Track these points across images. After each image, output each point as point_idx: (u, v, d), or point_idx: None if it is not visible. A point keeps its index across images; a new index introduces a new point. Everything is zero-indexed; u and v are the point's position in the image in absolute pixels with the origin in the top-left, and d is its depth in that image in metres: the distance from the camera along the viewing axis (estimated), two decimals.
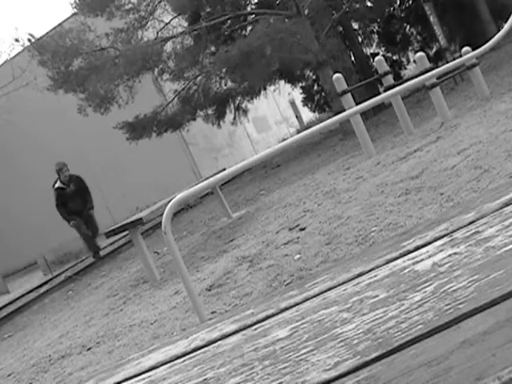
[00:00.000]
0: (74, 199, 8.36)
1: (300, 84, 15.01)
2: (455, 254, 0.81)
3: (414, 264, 0.83)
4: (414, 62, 10.97)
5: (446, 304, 0.67)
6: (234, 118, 12.55)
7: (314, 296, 0.87)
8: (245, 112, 12.76)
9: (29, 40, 10.05)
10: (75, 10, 10.13)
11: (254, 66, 9.10)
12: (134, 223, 4.74)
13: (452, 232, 0.90)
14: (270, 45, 8.92)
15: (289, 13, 9.96)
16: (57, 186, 8.37)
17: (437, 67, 4.81)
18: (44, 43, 9.68)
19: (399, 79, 9.60)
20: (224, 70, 10.07)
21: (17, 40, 12.70)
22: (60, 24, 13.66)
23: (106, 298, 5.10)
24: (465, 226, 0.90)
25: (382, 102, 8.93)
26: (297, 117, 21.38)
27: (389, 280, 0.81)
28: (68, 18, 13.15)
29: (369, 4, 12.14)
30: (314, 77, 14.31)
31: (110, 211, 15.67)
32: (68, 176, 8.36)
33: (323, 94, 14.34)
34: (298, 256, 3.40)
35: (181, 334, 0.97)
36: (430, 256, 0.84)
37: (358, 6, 11.72)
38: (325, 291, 0.88)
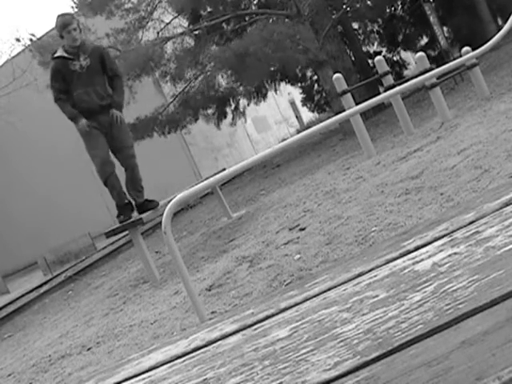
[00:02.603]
0: (88, 83, 4.65)
1: (300, 84, 15.02)
2: (455, 254, 0.81)
3: (413, 264, 0.83)
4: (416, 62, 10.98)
5: (446, 304, 0.67)
6: (233, 119, 12.56)
7: (314, 296, 0.87)
8: (242, 113, 12.76)
9: (30, 40, 10.06)
10: (76, 10, 10.13)
11: (252, 67, 9.08)
12: (134, 223, 4.73)
13: (452, 232, 0.90)
14: (267, 46, 8.91)
15: (289, 13, 9.96)
16: (57, 54, 4.70)
17: (437, 67, 4.81)
18: (45, 43, 9.68)
19: (400, 79, 9.60)
20: (222, 70, 10.06)
21: (18, 40, 12.70)
22: None
23: (106, 298, 5.10)
24: (465, 226, 0.90)
25: (382, 102, 8.94)
26: (297, 117, 21.39)
27: (389, 280, 0.81)
28: None
29: (369, 3, 12.14)
30: (314, 77, 14.32)
31: (109, 211, 15.67)
32: (80, 41, 4.67)
33: (323, 94, 14.35)
34: (298, 256, 3.40)
35: (181, 334, 0.97)
36: (429, 256, 0.84)
37: (358, 5, 11.73)
38: (325, 291, 0.88)
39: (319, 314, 0.80)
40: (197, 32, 10.60)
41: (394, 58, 14.54)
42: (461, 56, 6.46)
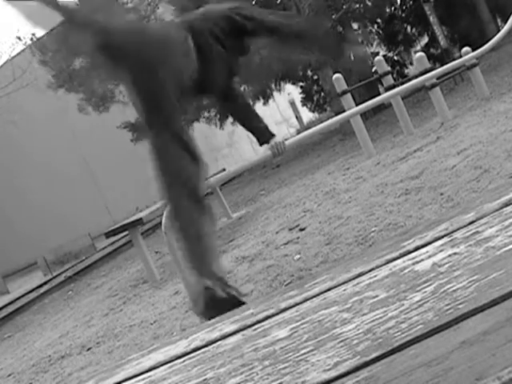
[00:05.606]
0: None
1: (300, 84, 15.00)
2: (455, 254, 0.81)
3: (413, 264, 0.83)
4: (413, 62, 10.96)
5: (445, 304, 0.67)
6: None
7: (314, 296, 0.87)
8: None
9: (31, 39, 10.06)
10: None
11: (254, 68, 9.06)
12: (134, 223, 4.74)
13: (452, 232, 0.90)
14: (269, 46, 8.89)
15: (289, 13, 9.95)
16: None
17: (437, 67, 4.82)
18: (46, 42, 9.68)
19: (403, 78, 9.60)
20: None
21: (19, 38, 12.68)
22: (62, 23, 13.65)
23: (106, 298, 5.10)
24: (465, 226, 0.90)
25: (381, 102, 8.92)
26: (297, 117, 21.37)
27: (389, 280, 0.81)
28: None
29: (368, 3, 12.13)
30: (314, 77, 14.30)
31: (109, 211, 15.67)
32: None
33: (322, 94, 14.34)
34: (298, 256, 3.40)
35: (181, 334, 0.97)
36: (429, 256, 0.84)
37: (357, 6, 11.71)
38: (325, 291, 0.88)
39: (319, 314, 0.80)
40: None
41: (395, 58, 14.51)
42: (461, 56, 6.46)
